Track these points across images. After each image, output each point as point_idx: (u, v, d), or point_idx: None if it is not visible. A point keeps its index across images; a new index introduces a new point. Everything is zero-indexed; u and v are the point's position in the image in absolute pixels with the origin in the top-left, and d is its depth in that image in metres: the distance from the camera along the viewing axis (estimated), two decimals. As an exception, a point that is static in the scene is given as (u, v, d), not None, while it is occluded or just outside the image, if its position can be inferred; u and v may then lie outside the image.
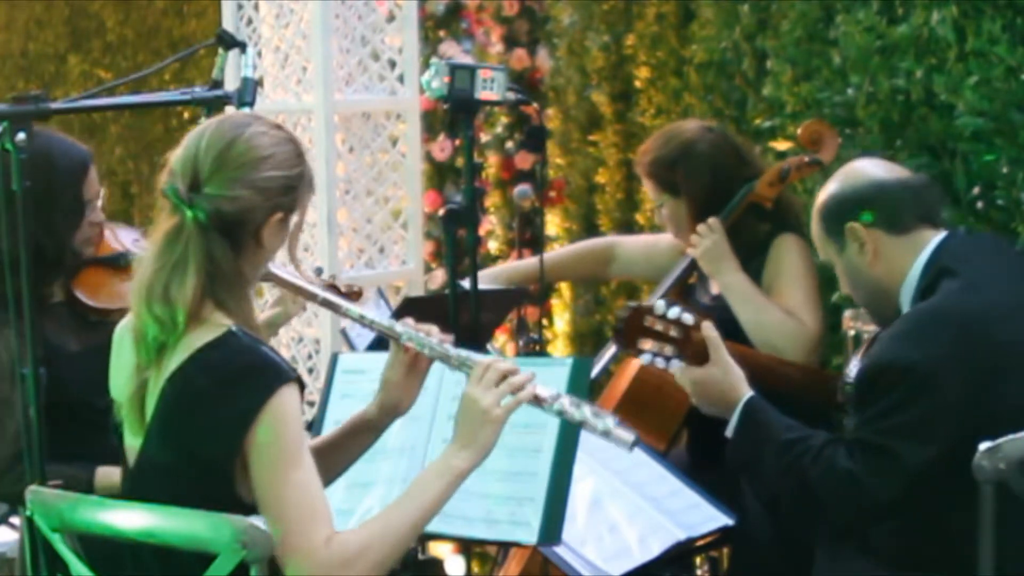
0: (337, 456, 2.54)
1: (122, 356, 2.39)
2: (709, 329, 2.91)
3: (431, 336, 2.49)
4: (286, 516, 2.21)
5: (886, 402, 2.72)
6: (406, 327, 2.50)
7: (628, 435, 2.44)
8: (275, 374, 2.25)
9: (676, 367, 2.89)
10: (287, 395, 2.24)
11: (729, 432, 2.90)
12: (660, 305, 2.86)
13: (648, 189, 3.71)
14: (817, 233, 3.00)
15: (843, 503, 2.75)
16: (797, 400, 3.16)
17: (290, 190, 2.34)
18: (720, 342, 2.91)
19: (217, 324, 2.29)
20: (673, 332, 2.87)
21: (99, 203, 3.13)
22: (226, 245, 2.29)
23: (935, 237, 2.88)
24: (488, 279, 3.91)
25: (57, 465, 2.87)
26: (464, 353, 2.46)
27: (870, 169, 2.96)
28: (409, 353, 2.50)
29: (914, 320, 2.79)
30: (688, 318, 2.87)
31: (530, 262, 4.06)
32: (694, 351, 2.91)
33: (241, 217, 2.29)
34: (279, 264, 2.54)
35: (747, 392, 2.89)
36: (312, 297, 2.57)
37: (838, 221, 2.92)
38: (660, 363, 2.88)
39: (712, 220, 3.55)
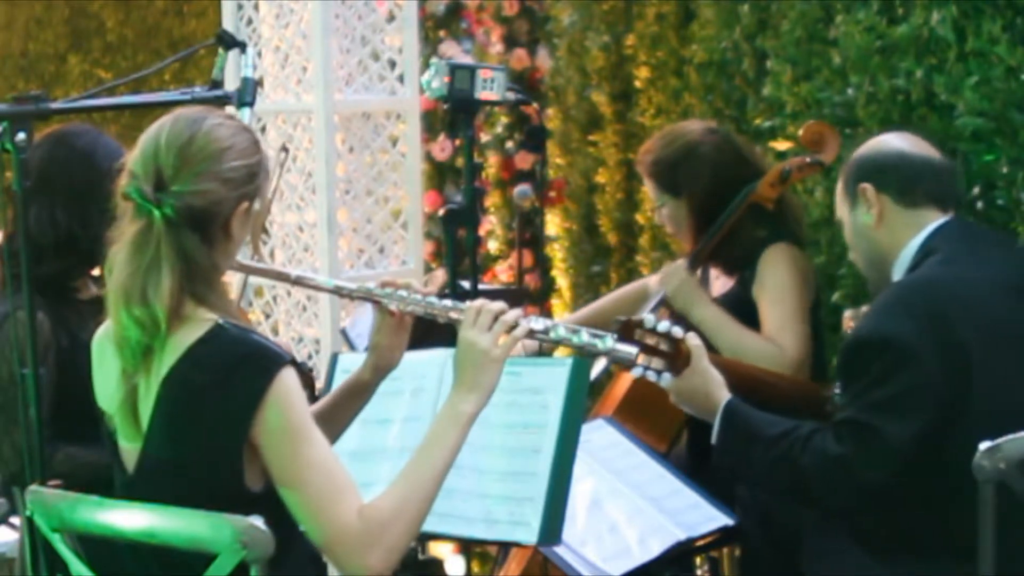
0: (335, 420, 2.57)
1: (105, 365, 2.39)
2: (693, 339, 2.94)
3: (413, 293, 2.51)
4: (311, 498, 2.22)
5: (867, 378, 2.77)
6: (386, 289, 2.52)
7: (631, 349, 2.47)
8: (271, 359, 2.26)
9: (668, 379, 2.92)
10: (286, 377, 2.25)
11: (713, 438, 2.94)
12: (650, 319, 2.89)
13: (649, 188, 3.71)
14: (838, 189, 3.09)
15: (836, 487, 2.79)
16: (786, 412, 3.17)
17: (253, 177, 2.35)
18: (703, 351, 2.94)
19: (202, 319, 2.29)
20: (663, 346, 2.90)
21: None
22: (198, 240, 2.29)
23: (937, 220, 2.94)
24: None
25: (77, 448, 2.92)
26: (449, 303, 2.49)
27: (898, 142, 3.06)
28: (395, 315, 2.53)
29: (891, 294, 2.86)
30: (677, 331, 2.89)
31: (579, 315, 4.10)
32: (684, 363, 2.93)
33: (210, 210, 2.30)
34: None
35: (726, 396, 2.92)
36: (286, 277, 2.59)
37: (855, 180, 3.01)
38: (651, 376, 2.90)
39: (678, 262, 3.59)
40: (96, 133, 3.15)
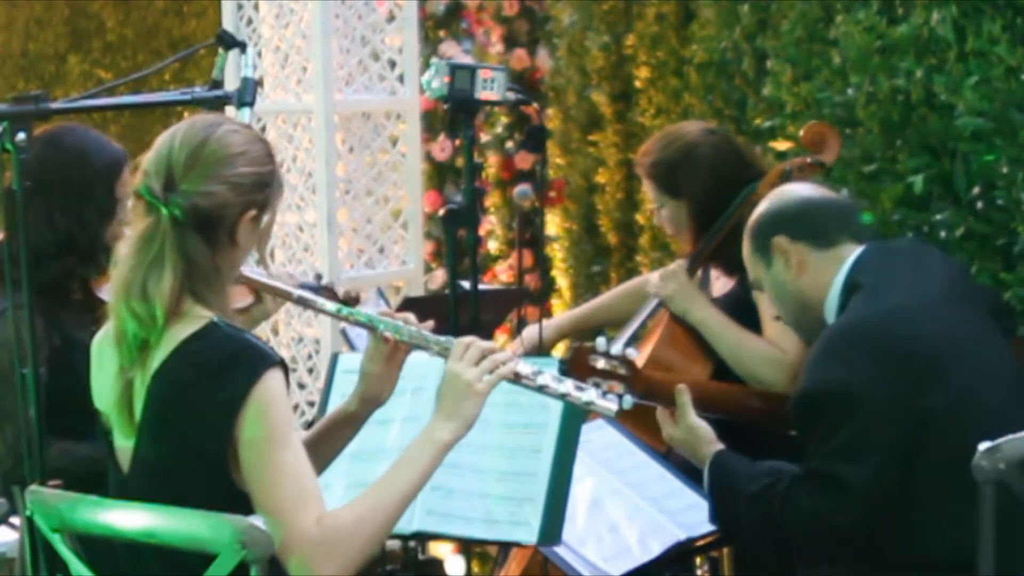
0: (320, 451, 2.55)
1: (103, 365, 2.40)
2: (681, 394, 2.96)
3: (409, 324, 2.51)
4: (275, 500, 2.22)
5: (820, 429, 2.77)
6: (383, 318, 2.52)
7: (611, 405, 2.47)
8: (260, 358, 2.27)
9: (629, 402, 2.92)
10: (273, 378, 2.26)
11: (705, 489, 2.97)
12: (601, 343, 2.90)
13: (648, 190, 3.71)
14: (747, 252, 3.07)
15: (814, 539, 2.80)
16: (761, 428, 3.18)
17: (263, 187, 2.36)
18: (686, 407, 2.96)
19: (198, 316, 2.30)
20: (620, 369, 2.91)
21: (130, 204, 3.16)
22: (202, 242, 2.31)
23: (855, 251, 2.94)
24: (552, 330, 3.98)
25: (71, 443, 2.93)
26: (443, 338, 2.48)
27: (797, 189, 3.07)
28: (388, 344, 2.52)
29: (826, 342, 2.85)
30: (632, 353, 2.90)
31: (581, 310, 4.15)
32: (644, 386, 2.95)
33: (216, 213, 2.31)
34: (251, 266, 2.57)
35: (712, 451, 2.94)
36: (288, 296, 2.59)
37: (765, 236, 3.00)
38: (613, 399, 2.90)
39: (674, 265, 3.59)
40: (83, 131, 3.15)
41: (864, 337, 2.79)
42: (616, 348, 2.89)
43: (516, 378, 2.44)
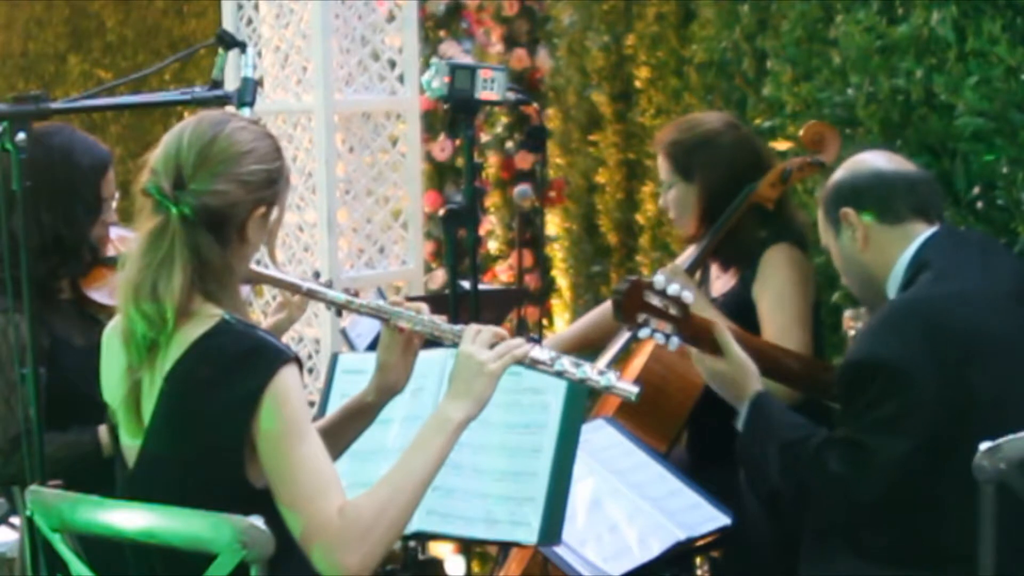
0: (335, 438, 2.56)
1: (111, 359, 2.40)
2: (722, 332, 2.95)
3: (421, 314, 2.51)
4: (295, 492, 2.23)
5: (863, 399, 2.77)
6: (396, 307, 2.52)
7: (632, 387, 2.47)
8: (275, 354, 2.28)
9: (676, 343, 2.92)
10: (288, 374, 2.27)
11: (739, 426, 2.96)
12: (660, 280, 2.89)
13: (661, 169, 3.69)
14: (820, 218, 3.09)
15: (834, 505, 2.81)
16: (793, 387, 3.19)
17: (272, 183, 2.37)
18: (731, 343, 2.95)
19: (209, 315, 2.31)
20: (672, 310, 2.90)
21: (113, 204, 3.18)
22: (213, 240, 2.31)
23: (925, 231, 2.94)
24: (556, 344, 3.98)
25: (56, 433, 2.92)
26: (457, 327, 2.49)
27: (873, 160, 3.04)
28: (404, 334, 2.53)
29: (886, 315, 2.85)
30: (688, 296, 2.89)
31: (570, 331, 4.15)
32: (693, 331, 2.94)
33: (226, 211, 2.32)
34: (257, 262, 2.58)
35: (756, 388, 2.94)
36: (296, 289, 2.60)
37: (835, 206, 3.01)
38: (660, 339, 2.90)
39: (673, 264, 3.60)
40: (70, 130, 3.15)
41: (924, 316, 2.79)
42: (673, 288, 2.88)
43: (533, 363, 2.45)
